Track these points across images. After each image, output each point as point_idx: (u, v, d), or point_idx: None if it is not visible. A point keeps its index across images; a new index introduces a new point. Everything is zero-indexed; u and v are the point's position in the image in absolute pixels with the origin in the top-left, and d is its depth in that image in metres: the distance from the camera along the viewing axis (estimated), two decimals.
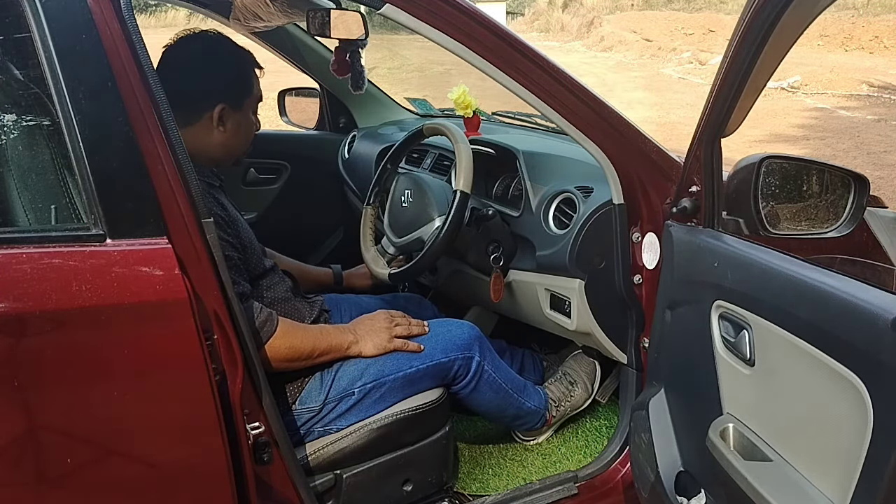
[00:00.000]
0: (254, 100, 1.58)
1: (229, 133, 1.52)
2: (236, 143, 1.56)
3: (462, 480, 1.80)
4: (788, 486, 1.10)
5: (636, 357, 1.69)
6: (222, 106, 1.49)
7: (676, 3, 18.76)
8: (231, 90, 1.52)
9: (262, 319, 1.38)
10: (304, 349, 1.47)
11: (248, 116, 1.57)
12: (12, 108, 1.11)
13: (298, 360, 1.46)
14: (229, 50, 1.53)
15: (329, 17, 1.64)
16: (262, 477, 1.29)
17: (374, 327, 1.59)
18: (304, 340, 1.47)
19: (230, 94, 1.51)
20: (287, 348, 1.43)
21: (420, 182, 1.84)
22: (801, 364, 1.09)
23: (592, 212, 1.60)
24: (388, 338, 1.58)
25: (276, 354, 1.41)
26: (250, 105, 1.57)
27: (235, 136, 1.54)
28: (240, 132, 1.55)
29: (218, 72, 1.52)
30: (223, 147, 1.53)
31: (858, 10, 14.84)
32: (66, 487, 1.10)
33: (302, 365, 1.48)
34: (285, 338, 1.42)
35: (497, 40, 1.38)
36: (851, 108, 8.94)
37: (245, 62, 1.56)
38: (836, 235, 1.32)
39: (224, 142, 1.52)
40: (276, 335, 1.40)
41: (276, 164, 2.55)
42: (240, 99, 1.53)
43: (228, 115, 1.51)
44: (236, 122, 1.53)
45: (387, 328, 1.59)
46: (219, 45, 1.53)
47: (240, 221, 1.52)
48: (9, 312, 1.01)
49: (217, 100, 1.49)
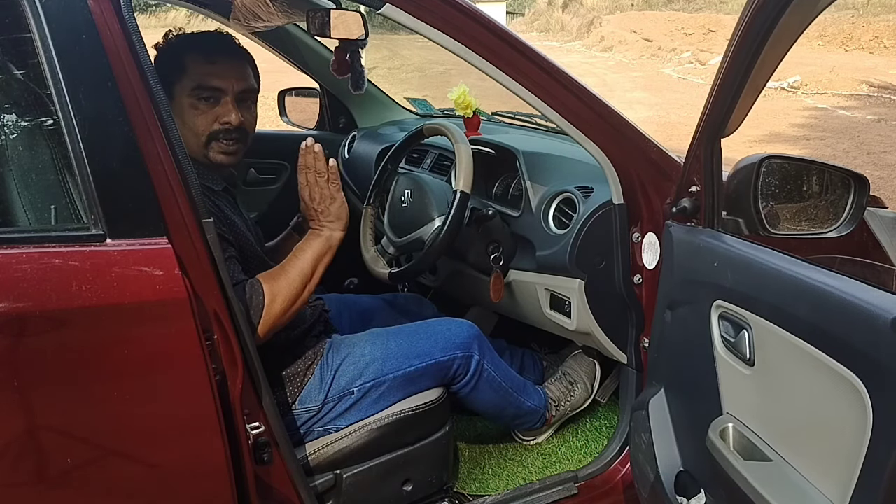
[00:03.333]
0: (184, 86, 1.46)
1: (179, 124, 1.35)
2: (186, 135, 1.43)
3: (462, 480, 1.80)
4: (788, 486, 1.10)
5: (636, 357, 1.69)
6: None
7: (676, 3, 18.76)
8: (165, 81, 1.34)
9: (249, 295, 1.35)
10: (297, 288, 1.42)
11: (182, 103, 1.46)
12: (12, 108, 1.11)
13: (299, 299, 1.43)
14: (168, 39, 1.50)
15: (329, 17, 1.64)
16: (262, 477, 1.29)
17: (318, 206, 1.50)
18: (291, 283, 1.42)
19: (166, 85, 1.33)
20: (282, 301, 1.39)
21: (420, 182, 1.84)
22: (800, 364, 1.09)
23: (592, 212, 1.60)
24: (329, 195, 1.50)
25: (277, 313, 1.38)
26: (182, 91, 1.46)
27: (182, 127, 1.42)
28: (183, 121, 1.45)
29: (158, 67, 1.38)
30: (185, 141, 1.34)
31: (858, 10, 14.84)
32: (66, 487, 1.10)
33: (307, 296, 1.44)
34: (275, 296, 1.38)
35: (497, 40, 1.38)
36: (851, 108, 8.94)
37: (180, 46, 1.49)
38: (836, 235, 1.32)
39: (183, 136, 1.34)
40: (266, 303, 1.36)
41: (276, 164, 2.55)
42: (169, 88, 1.43)
43: (174, 107, 1.42)
44: (177, 112, 1.42)
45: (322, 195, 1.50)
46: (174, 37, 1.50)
47: (239, 225, 1.50)
48: (9, 312, 1.01)
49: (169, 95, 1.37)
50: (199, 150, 1.49)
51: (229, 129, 1.49)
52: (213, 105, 1.48)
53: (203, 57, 1.48)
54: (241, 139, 1.52)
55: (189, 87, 1.47)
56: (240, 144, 1.53)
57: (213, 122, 1.48)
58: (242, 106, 1.52)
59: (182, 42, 1.51)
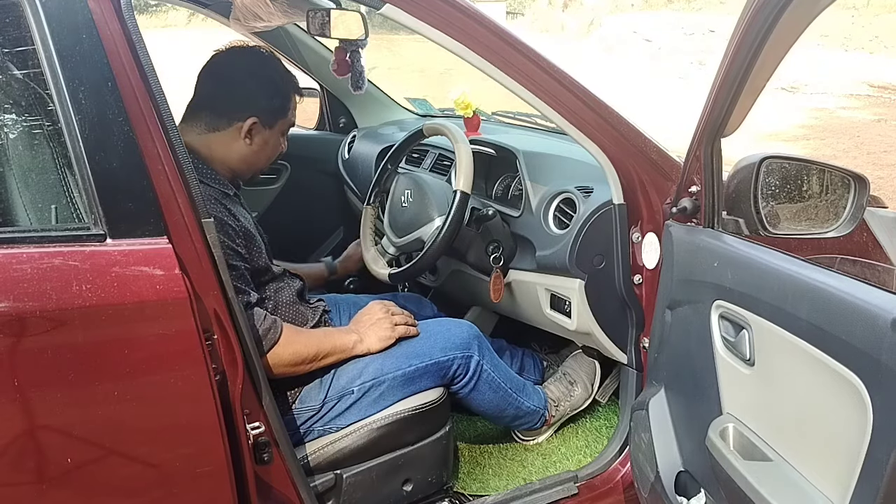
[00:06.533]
0: (286, 123, 1.61)
1: (255, 147, 1.55)
2: (258, 160, 1.59)
3: (462, 480, 1.80)
4: (788, 486, 1.10)
5: (636, 357, 1.69)
6: (254, 120, 1.52)
7: (676, 3, 18.74)
8: (267, 107, 1.55)
9: (266, 326, 1.39)
10: (308, 353, 1.47)
11: (277, 137, 1.60)
12: (12, 108, 1.11)
13: (302, 364, 1.47)
14: (277, 70, 1.58)
15: (329, 17, 1.64)
16: (262, 477, 1.29)
17: (374, 320, 1.60)
18: (308, 345, 1.48)
19: (265, 111, 1.54)
20: (291, 354, 1.44)
21: (420, 182, 1.84)
22: (800, 364, 1.09)
23: (592, 212, 1.60)
24: (390, 326, 1.59)
25: (279, 360, 1.42)
26: (281, 127, 1.60)
27: (259, 152, 1.57)
28: (265, 149, 1.58)
29: (260, 87, 1.54)
30: (244, 160, 1.56)
31: (858, 10, 14.83)
32: (66, 487, 1.10)
33: (306, 369, 1.49)
34: (289, 344, 1.43)
35: (497, 40, 1.38)
36: (851, 108, 8.94)
37: (288, 85, 1.59)
38: (836, 235, 1.32)
39: (247, 155, 1.55)
40: (279, 343, 1.41)
41: (276, 164, 2.54)
42: (273, 118, 1.56)
43: (258, 130, 1.54)
44: (263, 138, 1.56)
45: (386, 317, 1.60)
46: (268, 62, 1.58)
47: (251, 232, 1.52)
48: (9, 312, 1.01)
49: (251, 112, 1.51)
50: (250, 171, 1.61)
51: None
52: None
53: (297, 95, 1.62)
54: None
55: (288, 125, 1.61)
56: None
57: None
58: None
59: (291, 80, 1.62)
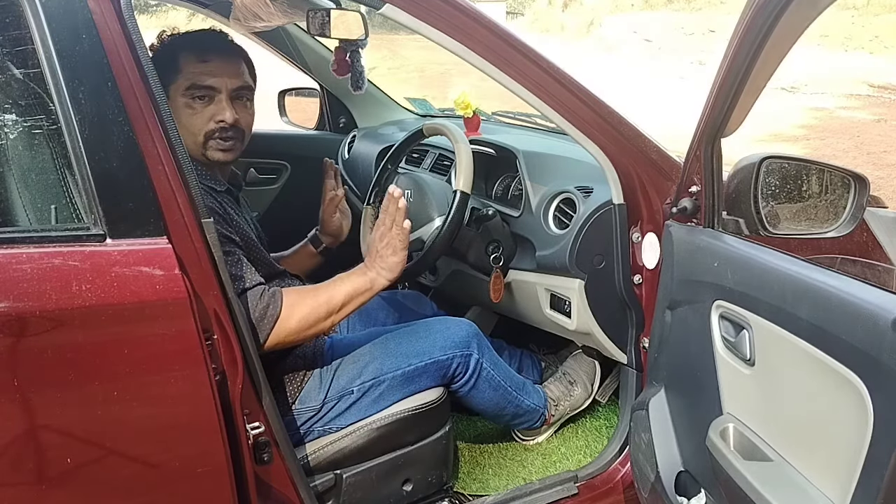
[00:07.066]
0: (179, 86, 1.47)
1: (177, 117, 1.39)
2: (185, 133, 1.42)
3: (462, 480, 1.80)
4: (788, 486, 1.10)
5: (636, 357, 1.69)
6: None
7: (676, 3, 18.73)
8: (163, 74, 1.33)
9: (264, 304, 1.35)
10: (319, 313, 1.41)
11: (177, 102, 1.47)
12: (12, 108, 1.11)
13: (317, 324, 1.42)
14: (162, 39, 1.51)
15: (329, 17, 1.64)
16: (262, 477, 1.29)
17: (381, 251, 1.49)
18: (316, 306, 1.41)
19: (164, 78, 1.34)
20: (298, 320, 1.39)
21: (420, 182, 1.84)
22: (801, 364, 1.09)
23: (592, 212, 1.60)
24: (400, 248, 1.48)
25: (289, 330, 1.37)
26: (177, 91, 1.47)
27: (178, 122, 1.38)
28: (179, 118, 1.42)
29: (156, 56, 1.42)
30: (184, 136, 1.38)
31: (858, 10, 14.82)
32: (66, 487, 1.10)
33: (328, 324, 1.43)
34: (292, 313, 1.38)
35: (497, 40, 1.38)
36: (851, 108, 8.94)
37: (173, 46, 1.50)
38: (836, 235, 1.32)
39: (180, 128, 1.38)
40: (282, 315, 1.37)
41: (276, 164, 2.55)
42: (165, 87, 1.39)
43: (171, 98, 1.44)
44: (175, 107, 1.44)
45: (389, 243, 1.49)
46: (167, 37, 1.51)
47: (243, 226, 1.50)
48: (9, 312, 1.00)
49: (166, 83, 1.41)
50: (197, 150, 1.49)
51: (225, 127, 1.49)
52: (208, 104, 1.49)
53: (196, 56, 1.49)
54: (238, 137, 1.53)
55: (183, 87, 1.47)
56: (236, 142, 1.53)
57: (209, 121, 1.49)
58: (238, 103, 1.52)
59: (175, 42, 1.51)
